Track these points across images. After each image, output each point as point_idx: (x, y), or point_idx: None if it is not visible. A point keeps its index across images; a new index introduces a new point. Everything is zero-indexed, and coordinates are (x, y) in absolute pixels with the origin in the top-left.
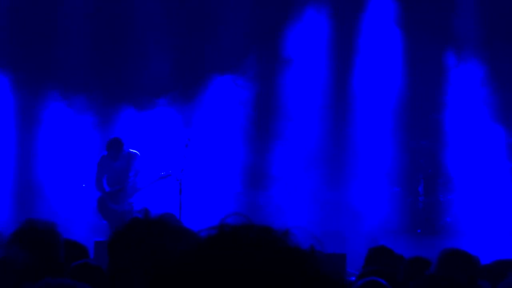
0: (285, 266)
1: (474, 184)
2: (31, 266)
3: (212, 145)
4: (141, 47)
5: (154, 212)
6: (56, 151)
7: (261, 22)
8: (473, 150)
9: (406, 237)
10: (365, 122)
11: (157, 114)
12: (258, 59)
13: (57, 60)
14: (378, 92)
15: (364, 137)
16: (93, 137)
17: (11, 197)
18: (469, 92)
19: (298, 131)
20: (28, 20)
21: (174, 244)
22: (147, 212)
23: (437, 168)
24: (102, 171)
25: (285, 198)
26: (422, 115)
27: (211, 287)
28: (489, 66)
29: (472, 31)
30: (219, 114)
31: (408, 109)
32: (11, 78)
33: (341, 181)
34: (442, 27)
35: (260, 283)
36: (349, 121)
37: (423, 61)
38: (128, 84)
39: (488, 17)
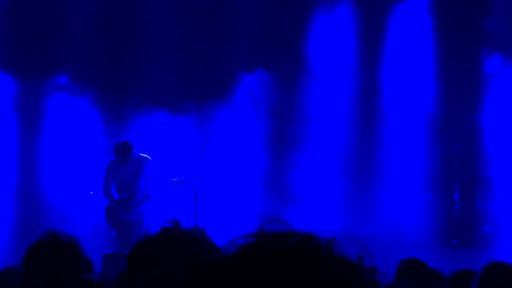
0: (329, 277)
1: None
2: (51, 280)
3: (229, 150)
4: (154, 48)
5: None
6: (61, 155)
7: (282, 22)
8: None
9: (440, 249)
10: (395, 126)
11: (170, 116)
12: (280, 62)
13: (65, 54)
14: (409, 93)
15: (395, 141)
16: (102, 140)
17: (12, 203)
18: (507, 93)
19: (322, 136)
20: (38, 15)
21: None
22: (178, 223)
23: (473, 174)
24: (110, 177)
25: (309, 207)
26: (456, 117)
27: None
28: None
29: (507, 30)
30: (237, 117)
31: (441, 110)
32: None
33: (369, 188)
34: (475, 25)
35: None
36: (378, 125)
37: (457, 60)
38: (140, 85)
39: None
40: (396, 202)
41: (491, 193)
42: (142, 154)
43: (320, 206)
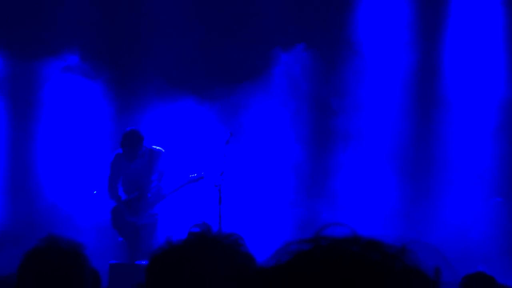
0: None
1: None
2: None
3: (260, 143)
4: (176, 23)
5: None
6: (61, 148)
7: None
8: None
9: (510, 261)
10: (458, 115)
11: (191, 103)
12: (322, 37)
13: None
14: (476, 76)
15: (458, 134)
16: (108, 130)
17: (2, 204)
18: None
19: (372, 128)
20: None
21: (239, 274)
22: (208, 227)
23: None
24: (117, 174)
25: (356, 212)
26: None
27: None
28: None
29: None
30: (270, 105)
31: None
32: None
33: (429, 190)
34: None
35: None
36: (438, 118)
37: None
38: (158, 67)
39: None
40: (460, 206)
41: None
42: (155, 146)
43: (368, 212)
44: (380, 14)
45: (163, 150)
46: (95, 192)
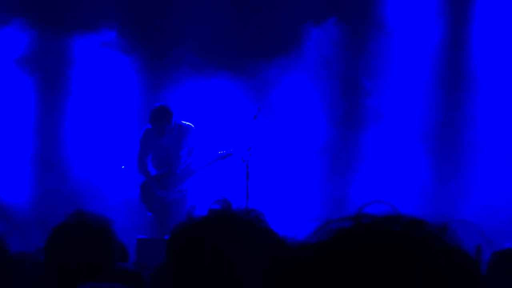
0: (441, 272)
1: None
2: (78, 269)
3: (289, 119)
4: (204, 4)
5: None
6: (91, 121)
7: None
8: None
9: None
10: (488, 98)
11: (219, 78)
12: (349, 19)
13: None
14: (505, 60)
15: (488, 115)
16: (139, 105)
17: (29, 179)
18: None
19: (400, 108)
20: None
21: (259, 250)
22: (228, 204)
23: None
24: (146, 149)
25: (384, 189)
26: None
27: None
28: None
29: None
30: (298, 83)
31: None
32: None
33: (459, 169)
34: None
35: None
36: (469, 97)
37: None
38: (187, 42)
39: None
40: (491, 185)
41: None
42: (184, 122)
43: (397, 189)
44: None
45: (193, 126)
46: (123, 167)
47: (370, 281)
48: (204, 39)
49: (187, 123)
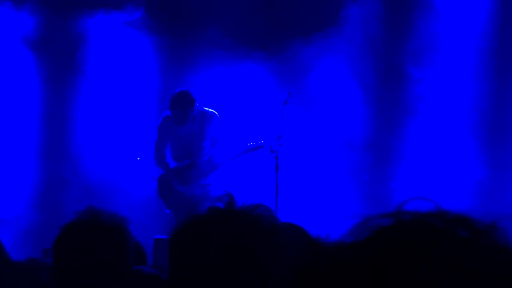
0: (490, 276)
1: None
2: (90, 272)
3: (323, 104)
4: None
5: (238, 201)
6: (102, 107)
7: None
8: None
9: None
10: None
11: (245, 60)
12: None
13: None
14: None
15: None
16: (157, 90)
17: (35, 171)
18: None
19: (447, 95)
20: None
21: (267, 250)
22: (231, 199)
23: None
24: (165, 139)
25: (429, 182)
26: None
27: None
28: None
29: None
30: (335, 65)
31: None
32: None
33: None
34: None
35: None
36: None
37: None
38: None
39: None
40: None
41: None
42: (207, 109)
43: (445, 184)
44: None
45: (217, 113)
46: (139, 158)
47: (411, 283)
48: (234, 18)
49: (211, 110)
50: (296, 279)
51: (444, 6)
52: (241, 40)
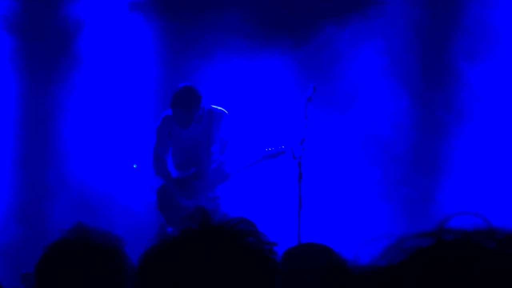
0: None
1: None
2: None
3: (356, 101)
4: None
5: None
6: (93, 104)
7: None
8: None
9: None
10: None
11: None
12: None
13: None
14: None
15: None
16: (157, 86)
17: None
18: None
19: (500, 97)
20: None
21: (245, 274)
22: (205, 215)
23: None
24: (166, 143)
25: (477, 191)
26: None
27: None
28: None
29: None
30: (368, 57)
31: None
32: None
33: None
34: None
35: None
36: None
37: None
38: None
39: None
40: None
41: None
42: (216, 107)
43: (498, 195)
44: None
45: (227, 112)
46: (135, 166)
47: None
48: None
49: (220, 108)
50: None
51: None
52: (263, 24)
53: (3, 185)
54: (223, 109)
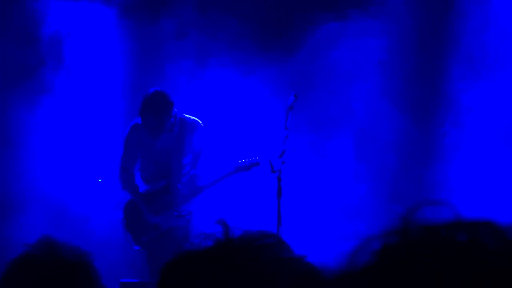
0: None
1: None
2: None
3: (337, 111)
4: None
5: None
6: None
7: None
8: None
9: None
10: None
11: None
12: None
13: None
14: None
15: None
16: (123, 90)
17: None
18: None
19: (493, 100)
20: None
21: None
22: (227, 228)
23: None
24: (134, 154)
25: (470, 184)
26: None
27: None
28: None
29: None
30: (353, 47)
31: None
32: None
33: None
34: None
35: None
36: None
37: None
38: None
39: None
40: None
41: None
42: (189, 116)
43: (485, 194)
44: None
45: (201, 122)
46: (100, 180)
47: None
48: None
49: (193, 118)
50: None
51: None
52: (240, 30)
53: None
54: (197, 119)
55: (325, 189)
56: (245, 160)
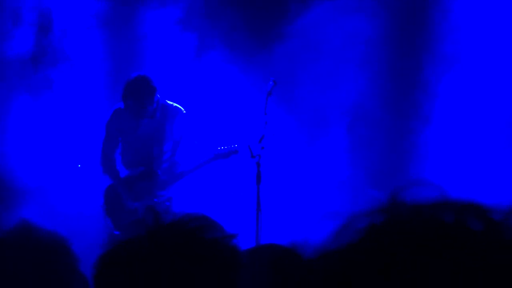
0: (503, 277)
1: None
2: None
3: (318, 97)
4: None
5: (183, 211)
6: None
7: None
8: None
9: None
10: None
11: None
12: None
13: None
14: None
15: None
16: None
17: None
18: None
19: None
20: None
21: (204, 268)
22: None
23: None
24: (115, 139)
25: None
26: None
27: None
28: None
29: None
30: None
31: None
32: None
33: None
34: None
35: None
36: None
37: None
38: None
39: None
40: None
41: None
42: (171, 103)
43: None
44: None
45: (183, 109)
46: (79, 165)
47: None
48: None
49: (175, 104)
50: None
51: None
52: (218, 19)
53: None
54: (179, 106)
55: (306, 175)
56: (224, 147)
